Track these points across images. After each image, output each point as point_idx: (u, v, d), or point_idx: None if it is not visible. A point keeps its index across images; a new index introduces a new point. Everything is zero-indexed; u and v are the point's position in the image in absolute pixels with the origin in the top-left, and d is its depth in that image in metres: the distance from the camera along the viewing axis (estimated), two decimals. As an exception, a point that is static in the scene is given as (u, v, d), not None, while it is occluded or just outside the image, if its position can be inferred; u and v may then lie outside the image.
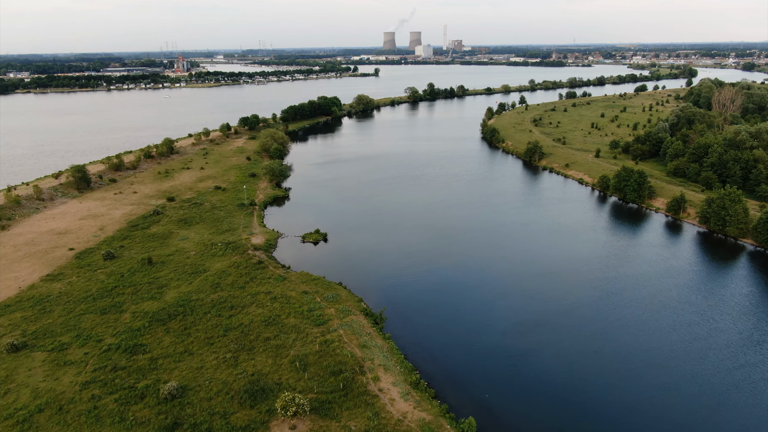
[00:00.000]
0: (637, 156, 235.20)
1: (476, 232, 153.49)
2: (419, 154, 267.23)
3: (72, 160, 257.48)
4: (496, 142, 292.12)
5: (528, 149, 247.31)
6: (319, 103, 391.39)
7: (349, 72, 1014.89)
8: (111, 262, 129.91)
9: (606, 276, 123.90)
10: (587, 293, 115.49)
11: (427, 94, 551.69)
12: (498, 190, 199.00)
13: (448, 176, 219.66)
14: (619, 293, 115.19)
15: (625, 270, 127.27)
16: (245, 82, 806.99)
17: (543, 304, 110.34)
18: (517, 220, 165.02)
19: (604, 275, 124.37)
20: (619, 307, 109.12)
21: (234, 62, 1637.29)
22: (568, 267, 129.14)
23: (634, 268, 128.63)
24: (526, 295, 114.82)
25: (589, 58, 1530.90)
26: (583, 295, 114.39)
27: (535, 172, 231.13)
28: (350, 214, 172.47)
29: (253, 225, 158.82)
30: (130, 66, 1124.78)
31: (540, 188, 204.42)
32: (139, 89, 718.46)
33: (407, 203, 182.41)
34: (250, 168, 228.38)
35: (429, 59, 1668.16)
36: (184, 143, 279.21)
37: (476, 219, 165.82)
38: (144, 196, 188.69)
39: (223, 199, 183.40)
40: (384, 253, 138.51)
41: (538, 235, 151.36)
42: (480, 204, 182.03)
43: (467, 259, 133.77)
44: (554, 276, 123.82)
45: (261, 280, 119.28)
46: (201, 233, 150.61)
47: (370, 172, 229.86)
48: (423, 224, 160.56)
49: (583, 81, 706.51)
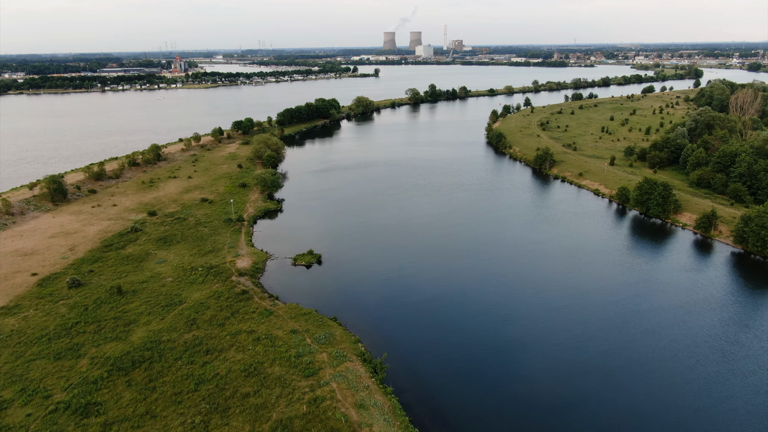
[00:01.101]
0: (655, 164, 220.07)
1: (486, 255, 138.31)
2: (422, 160, 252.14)
3: (55, 167, 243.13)
4: (502, 147, 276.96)
5: (538, 156, 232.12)
6: (316, 105, 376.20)
7: (349, 72, 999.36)
8: (76, 291, 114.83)
9: (637, 309, 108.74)
10: (619, 335, 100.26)
11: (429, 96, 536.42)
12: (508, 203, 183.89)
13: (453, 186, 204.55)
14: (656, 332, 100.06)
15: (658, 301, 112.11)
16: (243, 82, 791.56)
17: (567, 351, 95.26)
18: (531, 238, 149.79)
19: (635, 308, 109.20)
20: (658, 353, 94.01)
21: (233, 62, 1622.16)
22: (592, 301, 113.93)
23: (669, 298, 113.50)
24: (547, 336, 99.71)
25: (591, 59, 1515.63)
26: (615, 339, 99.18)
27: (546, 182, 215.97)
28: (348, 230, 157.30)
29: (240, 244, 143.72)
30: (127, 66, 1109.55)
31: (553, 200, 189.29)
32: (135, 90, 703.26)
33: (410, 218, 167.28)
34: (241, 177, 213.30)
35: (429, 59, 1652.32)
36: (173, 149, 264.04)
37: (485, 238, 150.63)
38: (124, 209, 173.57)
39: (209, 213, 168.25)
40: (385, 280, 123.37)
41: (555, 257, 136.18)
42: (489, 219, 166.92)
43: (479, 291, 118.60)
44: (576, 313, 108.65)
45: (244, 314, 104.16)
46: (181, 254, 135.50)
47: (369, 181, 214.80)
48: (428, 244, 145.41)
49: (587, 82, 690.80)
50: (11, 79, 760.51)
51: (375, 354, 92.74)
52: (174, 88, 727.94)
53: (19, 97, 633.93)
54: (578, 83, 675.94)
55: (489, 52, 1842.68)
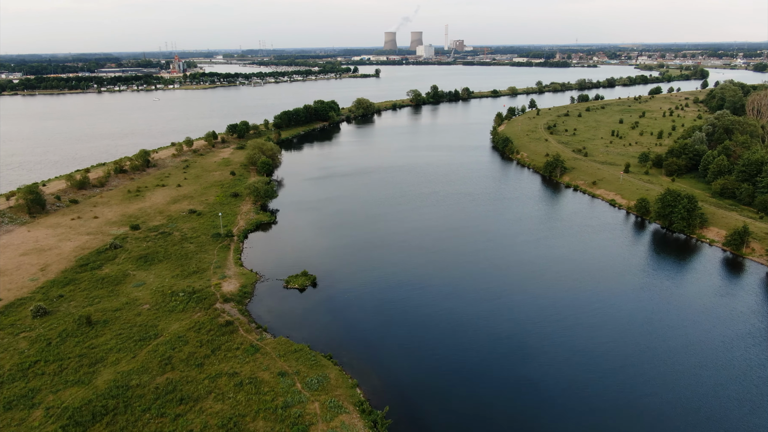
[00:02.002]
0: (672, 172, 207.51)
1: (499, 279, 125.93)
2: (425, 166, 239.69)
3: (40, 174, 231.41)
4: (509, 152, 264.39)
5: (548, 163, 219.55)
6: (315, 107, 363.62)
7: (349, 73, 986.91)
8: (41, 321, 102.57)
9: (675, 347, 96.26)
10: (662, 383, 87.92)
11: (431, 97, 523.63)
12: (518, 215, 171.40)
13: (459, 196, 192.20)
14: (689, 373, 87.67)
15: (697, 335, 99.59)
16: (241, 83, 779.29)
17: (588, 390, 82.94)
18: (545, 256, 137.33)
19: (673, 344, 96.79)
20: (708, 401, 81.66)
21: (233, 62, 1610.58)
22: (621, 337, 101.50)
23: (705, 331, 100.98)
24: (570, 375, 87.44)
25: (593, 59, 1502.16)
26: (636, 378, 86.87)
27: (557, 191, 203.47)
28: (346, 247, 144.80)
29: (228, 263, 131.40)
30: (126, 66, 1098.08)
31: (566, 212, 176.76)
32: (131, 91, 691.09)
33: (414, 233, 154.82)
34: (234, 185, 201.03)
35: (430, 59, 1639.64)
36: (164, 154, 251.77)
37: (497, 257, 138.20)
38: (105, 222, 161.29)
39: (196, 227, 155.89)
40: (386, 308, 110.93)
41: (573, 280, 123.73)
42: (499, 234, 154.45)
43: (491, 321, 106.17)
44: (605, 351, 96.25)
45: (227, 351, 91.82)
46: (162, 276, 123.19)
47: (370, 189, 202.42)
48: (434, 264, 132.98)
49: (592, 83, 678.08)
50: (6, 79, 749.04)
51: (375, 401, 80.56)
52: (171, 89, 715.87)
53: (14, 98, 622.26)
54: (583, 84, 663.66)
55: (490, 52, 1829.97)
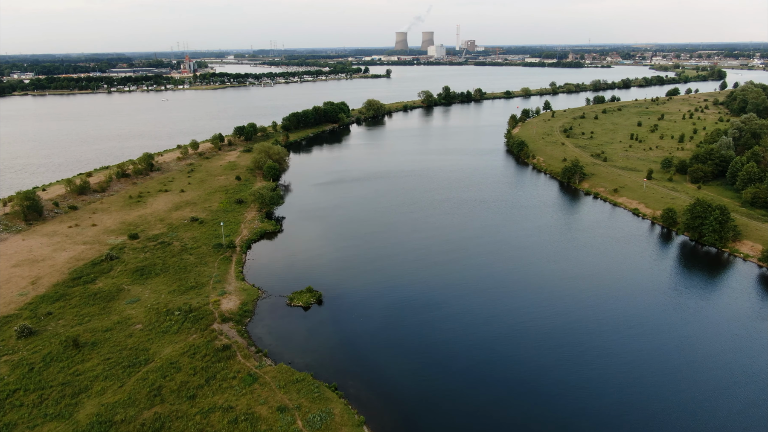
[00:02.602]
0: (698, 179, 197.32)
1: (518, 296, 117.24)
2: (437, 171, 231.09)
3: (42, 177, 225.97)
4: (524, 157, 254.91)
5: (566, 169, 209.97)
6: (324, 109, 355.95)
7: (360, 73, 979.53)
8: (25, 343, 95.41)
9: (717, 380, 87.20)
10: (674, 404, 79.01)
11: (443, 98, 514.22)
12: (537, 224, 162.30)
13: (473, 203, 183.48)
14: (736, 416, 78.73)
15: (740, 367, 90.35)
16: (251, 83, 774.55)
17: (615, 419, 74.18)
18: (567, 272, 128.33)
19: (714, 377, 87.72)
20: None
21: (244, 63, 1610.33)
22: (653, 369, 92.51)
23: (755, 362, 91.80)
24: (601, 407, 78.75)
25: (607, 59, 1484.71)
26: (670, 405, 77.98)
27: (577, 198, 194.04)
28: (354, 260, 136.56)
29: (229, 277, 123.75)
30: (137, 66, 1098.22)
31: (587, 222, 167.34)
32: (141, 91, 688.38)
33: (427, 244, 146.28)
34: (239, 191, 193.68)
35: (442, 60, 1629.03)
36: (169, 157, 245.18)
37: (515, 272, 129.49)
38: (103, 230, 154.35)
39: (197, 237, 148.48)
40: (399, 331, 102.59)
41: (597, 299, 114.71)
42: (518, 245, 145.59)
43: (513, 345, 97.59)
44: (633, 385, 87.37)
45: (222, 381, 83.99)
46: (158, 291, 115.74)
47: (380, 196, 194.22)
48: (448, 280, 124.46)
49: (607, 84, 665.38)
50: (17, 79, 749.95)
51: (384, 443, 72.35)
52: (181, 89, 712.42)
53: (24, 99, 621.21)
54: (597, 85, 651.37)
55: (502, 53, 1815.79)
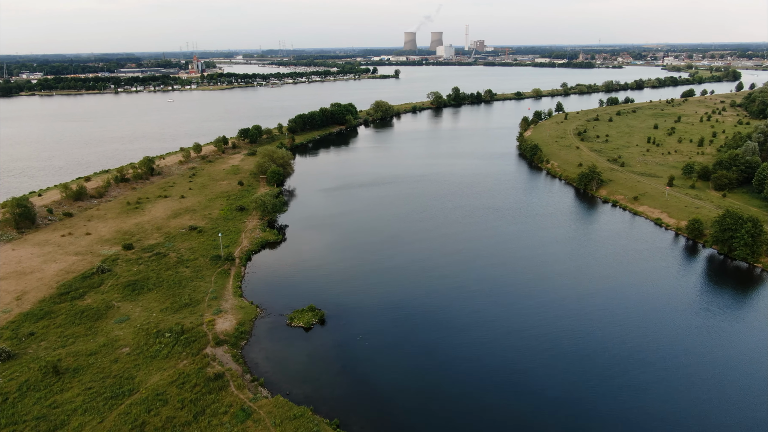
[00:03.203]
0: (722, 186, 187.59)
1: (537, 319, 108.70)
2: (448, 176, 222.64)
3: (42, 181, 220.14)
4: (538, 161, 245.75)
5: (583, 175, 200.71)
6: (331, 111, 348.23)
7: (368, 73, 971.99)
8: (2, 368, 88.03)
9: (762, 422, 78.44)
10: None
11: (452, 100, 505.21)
12: (553, 235, 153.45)
13: (485, 211, 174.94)
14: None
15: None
16: (259, 84, 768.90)
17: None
18: (587, 289, 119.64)
19: (760, 419, 78.95)
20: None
21: (252, 63, 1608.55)
22: (687, 407, 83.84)
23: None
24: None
25: (618, 59, 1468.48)
26: None
27: (594, 206, 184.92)
28: (360, 275, 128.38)
29: (226, 293, 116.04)
30: (145, 67, 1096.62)
31: (606, 233, 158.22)
32: (148, 92, 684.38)
33: (438, 257, 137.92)
34: (241, 197, 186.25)
35: (451, 60, 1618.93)
36: (170, 161, 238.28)
37: (533, 289, 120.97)
38: (97, 239, 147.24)
39: (195, 248, 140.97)
40: (408, 358, 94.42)
41: (621, 321, 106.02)
42: (535, 260, 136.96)
43: (533, 378, 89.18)
44: (666, 422, 78.74)
45: (212, 416, 76.11)
46: (150, 309, 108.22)
47: (388, 203, 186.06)
48: (462, 298, 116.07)
49: (619, 84, 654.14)
50: (25, 80, 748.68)
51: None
52: (188, 89, 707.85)
53: (31, 99, 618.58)
54: (610, 86, 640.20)
55: (512, 53, 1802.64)
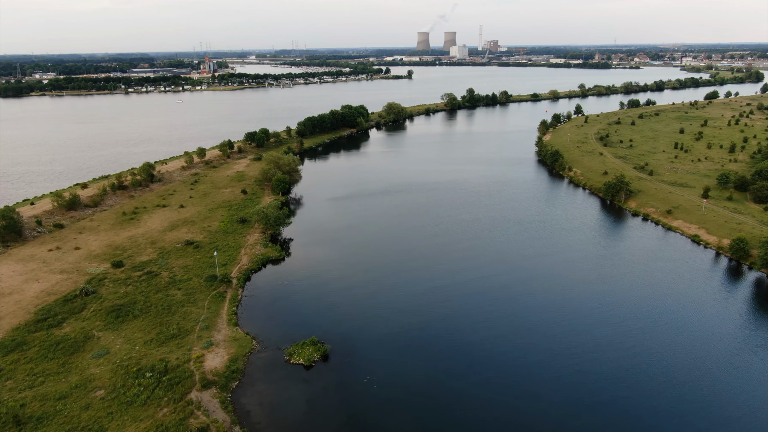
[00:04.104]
0: (763, 198, 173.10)
1: (566, 355, 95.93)
2: (464, 184, 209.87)
3: (40, 187, 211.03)
4: (559, 168, 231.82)
5: (609, 185, 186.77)
6: (342, 113, 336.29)
7: (381, 74, 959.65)
8: (-42, 414, 77.17)
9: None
10: None
11: (467, 101, 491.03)
12: (581, 253, 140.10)
13: (506, 224, 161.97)
14: None
15: None
16: (270, 84, 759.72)
17: None
18: (622, 317, 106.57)
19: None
20: None
21: (265, 63, 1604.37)
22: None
23: None
24: None
25: (635, 60, 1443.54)
26: None
27: (623, 220, 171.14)
28: (369, 301, 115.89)
29: (219, 321, 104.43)
30: (158, 67, 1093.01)
31: (638, 251, 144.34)
32: (158, 92, 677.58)
33: (456, 282, 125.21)
34: (243, 207, 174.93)
35: (464, 60, 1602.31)
36: (173, 166, 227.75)
37: (566, 318, 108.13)
38: (86, 255, 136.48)
39: (190, 266, 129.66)
40: (427, 407, 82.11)
41: (671, 359, 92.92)
42: (560, 283, 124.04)
43: (565, 424, 76.60)
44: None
45: (190, 485, 64.51)
46: (133, 341, 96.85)
47: (400, 214, 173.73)
48: (487, 328, 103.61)
49: (639, 86, 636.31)
50: (36, 80, 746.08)
51: None
52: (199, 90, 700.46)
53: (41, 99, 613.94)
54: (629, 87, 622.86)
55: (526, 53, 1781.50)
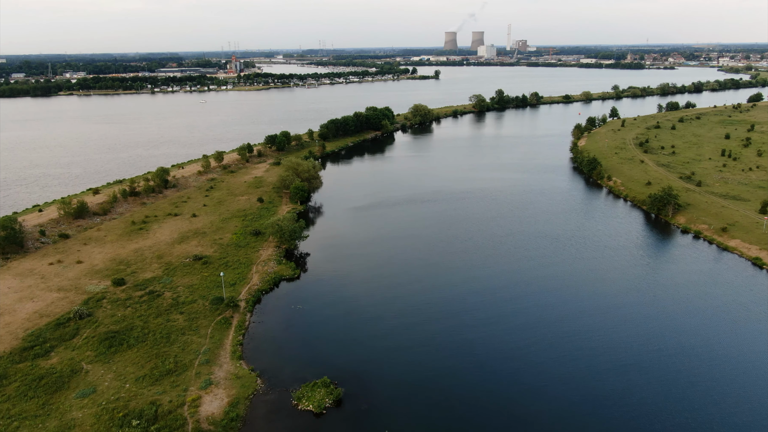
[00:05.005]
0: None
1: (619, 407, 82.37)
2: (494, 193, 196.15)
3: (54, 191, 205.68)
4: (597, 177, 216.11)
5: (656, 198, 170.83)
6: (366, 115, 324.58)
7: (407, 74, 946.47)
8: None
9: None
10: None
11: (495, 103, 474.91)
12: (635, 283, 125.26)
13: (542, 241, 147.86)
14: None
15: None
16: (295, 84, 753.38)
17: None
18: (690, 359, 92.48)
19: None
20: None
21: (292, 62, 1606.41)
22: None
23: None
24: None
25: (669, 60, 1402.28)
26: None
27: (672, 237, 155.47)
28: (392, 331, 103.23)
29: (222, 354, 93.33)
30: (186, 66, 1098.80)
31: (695, 276, 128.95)
32: (184, 92, 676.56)
33: (492, 308, 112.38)
34: (258, 217, 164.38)
35: (492, 60, 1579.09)
36: (189, 171, 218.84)
37: (622, 362, 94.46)
38: (87, 270, 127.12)
39: (196, 285, 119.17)
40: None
41: (746, 415, 78.74)
42: (614, 316, 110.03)
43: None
44: None
45: None
46: (124, 376, 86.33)
47: (427, 227, 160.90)
48: (527, 371, 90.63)
49: (676, 87, 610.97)
50: (64, 79, 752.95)
51: None
52: (224, 89, 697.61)
53: (69, 99, 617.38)
54: (666, 89, 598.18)
55: (555, 53, 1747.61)
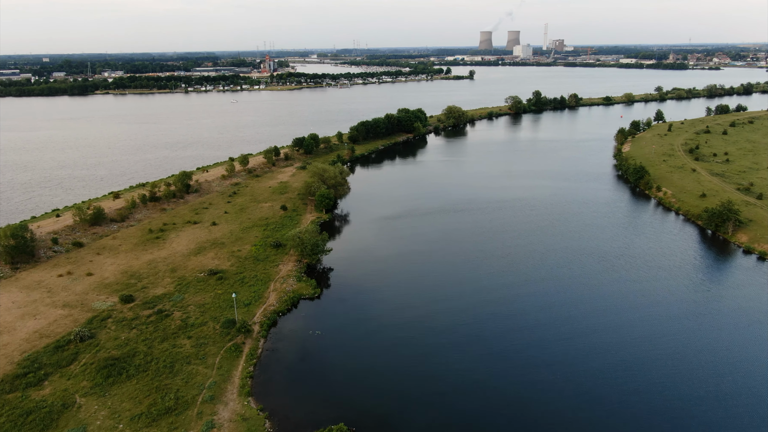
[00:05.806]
0: None
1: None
2: (533, 203, 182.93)
3: (77, 194, 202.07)
4: (645, 187, 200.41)
5: (713, 213, 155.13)
6: (398, 117, 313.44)
7: (441, 74, 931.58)
8: None
9: None
10: None
11: (532, 105, 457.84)
12: (695, 310, 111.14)
13: (587, 258, 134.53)
14: None
15: None
16: (328, 84, 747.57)
17: None
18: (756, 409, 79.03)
19: None
20: None
21: (326, 62, 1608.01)
22: None
23: None
24: None
25: (714, 60, 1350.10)
26: None
27: (732, 258, 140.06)
28: (421, 370, 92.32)
29: (229, 389, 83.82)
30: (221, 66, 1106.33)
31: (763, 303, 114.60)
32: (217, 91, 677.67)
33: (532, 337, 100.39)
34: (281, 226, 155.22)
35: (528, 60, 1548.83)
36: (212, 175, 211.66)
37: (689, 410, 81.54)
38: (97, 284, 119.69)
39: (208, 304, 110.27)
40: None
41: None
42: (672, 350, 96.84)
43: None
44: None
45: None
46: (119, 413, 77.53)
47: (460, 241, 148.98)
48: (574, 420, 78.62)
49: (723, 89, 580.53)
50: (101, 78, 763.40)
51: None
52: (257, 89, 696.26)
53: (105, 98, 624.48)
54: (713, 90, 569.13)
55: (593, 53, 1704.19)
